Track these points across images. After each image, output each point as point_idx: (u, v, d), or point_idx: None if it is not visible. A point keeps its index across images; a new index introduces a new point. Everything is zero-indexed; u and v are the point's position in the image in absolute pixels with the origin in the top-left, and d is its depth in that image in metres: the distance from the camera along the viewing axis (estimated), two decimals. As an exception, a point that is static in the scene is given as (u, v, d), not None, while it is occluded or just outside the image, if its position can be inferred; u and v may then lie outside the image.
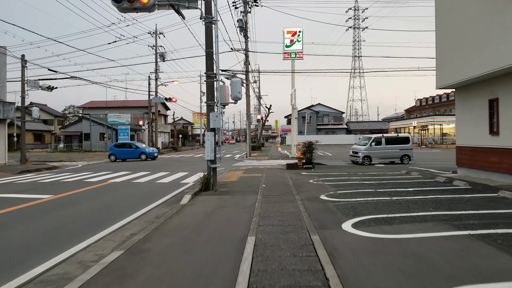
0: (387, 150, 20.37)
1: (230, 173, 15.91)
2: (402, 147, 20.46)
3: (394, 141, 20.70)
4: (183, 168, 18.99)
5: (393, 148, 20.38)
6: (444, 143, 41.06)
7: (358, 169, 16.37)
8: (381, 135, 21.06)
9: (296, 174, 14.55)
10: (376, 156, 20.32)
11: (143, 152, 27.27)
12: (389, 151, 20.36)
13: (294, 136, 27.89)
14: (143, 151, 27.35)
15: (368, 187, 10.39)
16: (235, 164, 22.07)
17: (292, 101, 26.79)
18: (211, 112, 10.60)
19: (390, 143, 20.43)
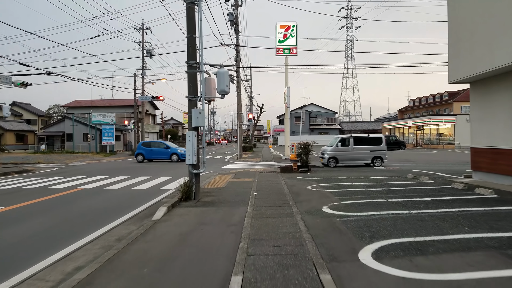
0: (355, 152, 18.84)
1: (218, 177, 14.33)
2: (373, 148, 18.90)
3: (364, 141, 19.18)
4: (167, 172, 17.35)
5: (363, 149, 18.83)
6: (440, 143, 39.94)
7: (359, 173, 14.91)
8: (349, 135, 19.70)
9: (291, 179, 13.03)
10: (343, 157, 18.92)
11: (174, 153, 24.66)
12: (358, 152, 18.78)
13: (288, 136, 26.41)
14: (174, 151, 24.71)
15: (377, 195, 8.91)
16: (224, 166, 20.48)
17: (285, 99, 25.29)
18: (193, 108, 9.02)
19: (360, 144, 18.93)
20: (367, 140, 19.26)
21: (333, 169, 17.25)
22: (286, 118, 26.32)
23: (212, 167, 20.08)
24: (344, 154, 18.98)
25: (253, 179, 13.13)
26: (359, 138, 19.43)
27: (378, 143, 19.12)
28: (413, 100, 70.27)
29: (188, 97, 9.24)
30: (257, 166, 20.41)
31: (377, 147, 18.97)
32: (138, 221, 7.13)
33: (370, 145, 18.98)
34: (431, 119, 40.33)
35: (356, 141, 19.00)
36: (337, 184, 11.25)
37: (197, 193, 9.17)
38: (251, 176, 14.37)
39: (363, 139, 19.37)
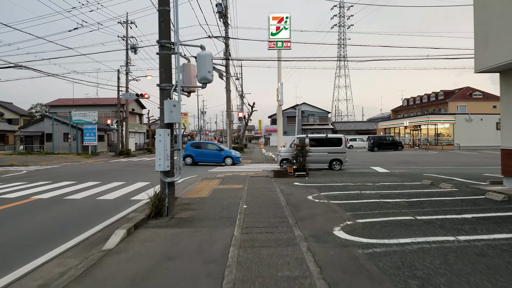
0: (312, 154, 16.62)
1: (203, 183, 12.43)
2: (332, 150, 17.32)
3: (322, 142, 17.59)
4: (146, 176, 15.37)
5: (320, 151, 17.10)
6: (439, 144, 38.49)
7: (364, 178, 13.11)
8: (306, 135, 18.27)
9: (287, 185, 11.17)
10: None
11: (228, 155, 21.78)
12: (315, 154, 16.63)
13: (281, 136, 24.58)
14: (228, 154, 21.88)
15: (398, 210, 7.09)
16: (212, 170, 18.55)
17: (278, 96, 23.45)
18: (166, 100, 7.10)
19: (317, 145, 17.18)
20: (325, 141, 17.67)
21: (333, 173, 15.42)
22: (279, 117, 24.49)
23: (197, 170, 18.15)
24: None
25: (243, 186, 11.24)
26: (316, 139, 17.87)
27: (338, 145, 17.45)
28: (407, 100, 69.05)
29: (160, 85, 7.32)
30: (247, 169, 18.52)
31: (336, 149, 17.30)
32: (84, 251, 5.20)
33: (328, 146, 17.40)
34: (429, 119, 38.85)
35: (313, 142, 17.21)
36: (343, 193, 9.41)
37: (170, 207, 7.24)
38: (240, 181, 12.48)
39: (321, 140, 17.79)
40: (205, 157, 21.92)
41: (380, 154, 30.84)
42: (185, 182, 13.20)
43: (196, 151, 21.93)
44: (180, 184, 12.64)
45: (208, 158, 21.89)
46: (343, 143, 17.52)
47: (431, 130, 40.41)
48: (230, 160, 21.67)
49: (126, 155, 34.11)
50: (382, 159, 24.79)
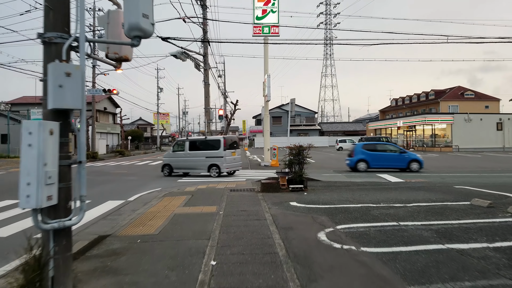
0: (191, 158, 15.80)
1: (163, 202, 8.90)
2: (209, 154, 15.43)
3: (200, 145, 15.93)
4: (91, 190, 11.77)
5: (198, 155, 15.60)
6: (436, 145, 35.75)
7: (381, 192, 9.80)
8: (185, 137, 16.56)
9: (281, 207, 7.74)
10: (178, 166, 16.07)
11: (414, 159, 17.18)
12: (193, 159, 15.63)
13: (268, 137, 21.17)
14: (414, 158, 17.30)
15: (496, 271, 3.76)
16: (182, 179, 14.97)
17: (265, 90, 20.04)
18: (51, 63, 3.54)
19: (196, 149, 15.80)
20: (204, 144, 15.92)
21: (337, 184, 12.04)
22: (266, 114, 21.07)
23: (165, 180, 14.55)
24: (179, 161, 16.04)
25: (218, 209, 7.75)
26: (195, 141, 16.30)
27: (216, 148, 15.37)
28: (396, 100, 66.81)
29: (42, 36, 3.75)
30: (227, 178, 15.03)
31: (214, 153, 15.34)
32: None
33: (206, 150, 15.57)
34: (426, 118, 36.05)
35: (192, 145, 15.92)
36: (372, 226, 6.01)
37: (61, 278, 3.66)
38: (215, 199, 8.99)
39: (200, 143, 16.06)
40: (383, 162, 17.29)
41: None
42: (137, 201, 9.64)
43: (371, 155, 17.27)
44: (130, 205, 9.08)
45: (387, 162, 17.31)
46: (221, 147, 15.24)
47: (427, 130, 37.70)
48: (416, 165, 17.00)
49: (92, 159, 30.12)
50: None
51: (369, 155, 17.29)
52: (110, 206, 8.91)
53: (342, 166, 20.02)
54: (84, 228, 6.70)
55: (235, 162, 16.02)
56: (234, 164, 15.97)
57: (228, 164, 15.33)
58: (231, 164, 15.64)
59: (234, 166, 16.01)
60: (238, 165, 16.38)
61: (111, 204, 9.16)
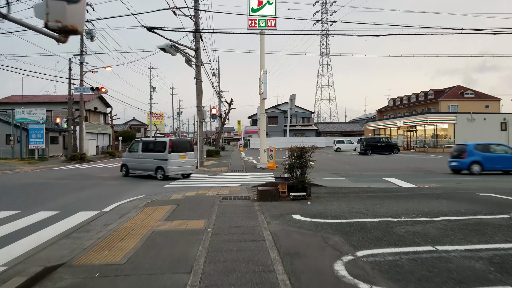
0: (142, 159, 15.61)
1: (142, 214, 7.54)
2: (157, 156, 14.97)
3: (150, 147, 15.61)
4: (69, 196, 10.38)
5: (148, 156, 15.31)
6: (439, 146, 34.54)
7: (396, 202, 8.49)
8: (139, 138, 17.30)
9: (283, 223, 6.40)
10: (132, 166, 16.07)
11: None
12: (144, 160, 15.45)
13: (264, 138, 19.85)
14: None
15: None
16: (170, 184, 13.57)
17: (261, 87, 18.70)
18: None
19: (147, 150, 15.55)
20: (153, 146, 15.62)
21: (344, 191, 10.70)
22: (262, 113, 19.75)
23: (151, 185, 13.16)
24: (133, 161, 16.03)
25: (205, 224, 6.39)
26: (147, 143, 16.11)
27: (162, 150, 14.88)
28: (394, 100, 65.70)
29: None
30: (220, 182, 13.67)
31: (160, 155, 14.84)
32: None
33: (154, 152, 15.23)
34: (428, 118, 34.82)
35: (144, 146, 15.75)
36: (402, 252, 4.67)
37: None
38: (204, 210, 7.63)
39: (150, 144, 15.80)
40: (499, 164, 16.25)
41: (377, 159, 26.52)
42: (116, 211, 8.27)
43: (485, 156, 16.08)
44: (104, 217, 7.71)
45: (503, 165, 16.26)
46: (166, 149, 14.65)
47: (429, 131, 36.50)
48: None
49: (80, 160, 28.64)
50: (385, 166, 20.39)
51: (483, 156, 16.07)
52: (80, 219, 7.53)
53: (343, 168, 18.77)
54: (36, 252, 5.37)
55: (185, 166, 15.25)
56: (184, 168, 15.23)
57: (174, 167, 14.63)
58: (179, 168, 14.94)
59: (183, 170, 15.28)
60: (189, 168, 15.59)
61: (82, 216, 7.77)
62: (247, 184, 12.32)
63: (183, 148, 15.28)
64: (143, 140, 16.51)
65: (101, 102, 47.08)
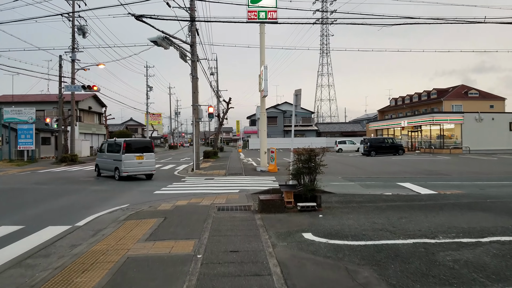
0: (106, 160, 16.07)
1: (121, 230, 6.25)
2: (114, 157, 15.27)
3: (112, 148, 15.91)
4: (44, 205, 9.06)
5: (110, 157, 15.74)
6: (445, 147, 33.21)
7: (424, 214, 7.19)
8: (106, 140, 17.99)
9: (291, 245, 5.10)
10: (101, 166, 16.63)
11: None
12: (107, 160, 15.96)
13: (264, 138, 18.53)
14: None
15: None
16: (160, 190, 12.23)
17: (261, 84, 17.39)
18: None
19: (110, 151, 15.96)
20: (113, 147, 15.81)
21: (356, 199, 9.38)
22: (262, 112, 18.43)
23: (138, 192, 11.83)
24: (101, 161, 16.65)
25: (195, 247, 5.08)
26: (110, 143, 16.40)
27: (118, 151, 15.06)
28: (395, 100, 64.45)
29: None
30: (216, 188, 12.34)
31: (117, 156, 15.10)
32: None
33: (113, 152, 15.54)
34: (434, 118, 33.46)
35: (108, 147, 16.21)
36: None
37: None
38: (195, 225, 6.33)
39: (112, 145, 16.00)
40: None
41: (383, 160, 25.21)
42: (90, 226, 6.95)
43: None
44: (73, 235, 6.40)
45: None
46: (121, 150, 14.80)
47: (435, 131, 35.18)
48: None
49: (71, 162, 27.26)
50: (394, 168, 19.09)
51: None
52: (44, 237, 6.22)
53: (349, 171, 17.47)
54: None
55: (142, 167, 15.11)
56: (141, 169, 15.11)
57: (128, 168, 14.63)
58: (134, 168, 14.87)
59: (140, 171, 15.19)
60: (148, 169, 15.34)
61: (48, 234, 6.46)
62: (247, 190, 11.00)
63: (140, 149, 15.18)
64: (108, 141, 16.93)
65: (95, 102, 45.71)
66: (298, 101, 9.99)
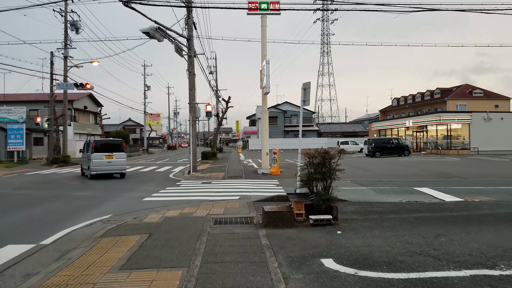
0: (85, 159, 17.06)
1: (93, 252, 5.01)
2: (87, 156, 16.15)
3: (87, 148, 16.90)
4: (13, 216, 7.81)
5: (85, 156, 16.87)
6: (452, 147, 31.97)
7: (465, 230, 5.97)
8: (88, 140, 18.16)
9: (310, 279, 3.84)
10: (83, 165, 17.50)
11: None
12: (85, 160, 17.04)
13: (266, 138, 17.26)
14: None
15: None
16: (151, 196, 10.96)
17: (262, 80, 16.16)
18: None
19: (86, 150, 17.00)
20: (87, 147, 16.63)
21: (380, 210, 8.13)
22: (264, 110, 17.17)
23: (125, 198, 10.57)
24: (83, 161, 17.55)
25: (179, 285, 3.81)
26: (86, 144, 17.35)
27: (89, 150, 15.81)
28: (397, 99, 63.24)
29: None
30: (214, 193, 11.08)
31: (88, 155, 15.93)
32: None
33: (87, 152, 16.43)
34: (441, 117, 32.17)
35: (85, 147, 17.09)
36: None
37: None
38: (184, 248, 5.08)
39: (88, 145, 16.65)
40: None
41: (389, 162, 23.99)
42: (58, 245, 5.71)
43: None
44: (34, 257, 5.15)
45: None
46: (90, 149, 15.66)
47: (441, 131, 33.95)
48: None
49: (63, 164, 26.00)
50: (404, 171, 17.86)
51: None
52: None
53: (357, 174, 16.23)
54: None
55: (112, 166, 15.75)
56: (110, 168, 15.74)
57: (97, 167, 15.29)
58: (103, 167, 15.48)
59: (110, 170, 15.76)
60: (118, 168, 15.96)
61: (4, 255, 5.24)
62: (248, 197, 9.76)
63: (110, 148, 15.78)
64: (86, 141, 17.88)
65: (91, 101, 44.43)
66: (307, 96, 8.76)
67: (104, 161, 15.41)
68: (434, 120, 33.19)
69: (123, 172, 16.07)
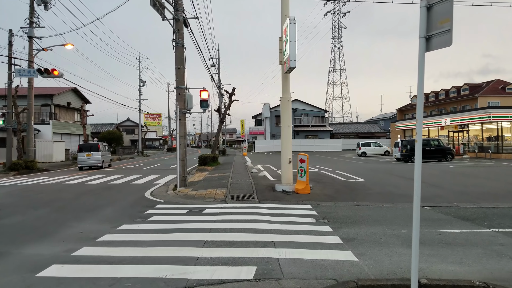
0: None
1: None
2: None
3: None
4: None
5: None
6: (504, 151, 26.30)
7: None
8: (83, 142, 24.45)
9: None
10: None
11: None
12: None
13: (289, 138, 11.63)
14: None
15: None
16: (73, 253, 5.48)
17: (284, 50, 10.66)
18: None
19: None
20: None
21: None
22: (285, 96, 11.54)
23: (95, 222, 5.06)
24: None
25: None
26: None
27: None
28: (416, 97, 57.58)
29: None
30: (200, 251, 5.58)
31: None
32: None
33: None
34: (490, 114, 26.54)
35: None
36: None
37: None
38: None
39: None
40: None
41: (442, 170, 18.32)
42: None
43: None
44: None
45: None
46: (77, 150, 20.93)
47: (488, 131, 28.31)
48: None
49: (25, 170, 20.73)
50: (482, 184, 12.36)
51: None
52: None
53: (424, 191, 10.52)
54: None
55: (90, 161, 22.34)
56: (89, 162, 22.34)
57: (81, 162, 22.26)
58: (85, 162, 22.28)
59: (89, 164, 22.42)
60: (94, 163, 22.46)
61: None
62: (276, 271, 4.27)
63: (89, 149, 22.40)
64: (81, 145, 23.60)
65: (76, 97, 39.14)
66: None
67: (85, 158, 22.15)
68: (482, 117, 27.40)
69: (99, 165, 22.65)
